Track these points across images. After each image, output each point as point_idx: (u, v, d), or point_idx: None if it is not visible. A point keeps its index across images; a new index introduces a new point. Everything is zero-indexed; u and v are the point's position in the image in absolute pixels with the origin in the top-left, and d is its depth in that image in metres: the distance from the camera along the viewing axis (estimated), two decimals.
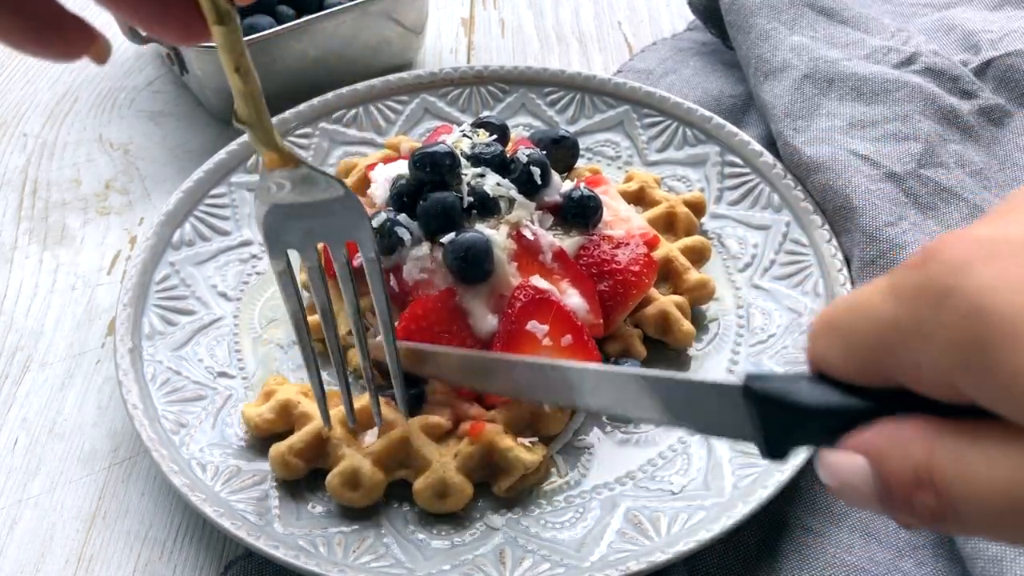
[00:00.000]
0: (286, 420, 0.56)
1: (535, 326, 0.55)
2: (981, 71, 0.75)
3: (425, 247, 0.59)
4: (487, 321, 0.56)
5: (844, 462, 0.29)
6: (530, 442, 0.55)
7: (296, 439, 0.54)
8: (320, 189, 0.48)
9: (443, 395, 0.57)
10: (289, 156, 0.46)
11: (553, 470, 0.56)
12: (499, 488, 0.54)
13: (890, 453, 0.27)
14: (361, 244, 0.50)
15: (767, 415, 0.33)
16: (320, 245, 0.52)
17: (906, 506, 0.27)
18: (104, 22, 0.39)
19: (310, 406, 0.56)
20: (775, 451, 0.34)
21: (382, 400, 0.55)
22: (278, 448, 0.54)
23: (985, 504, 0.25)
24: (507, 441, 0.54)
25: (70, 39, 0.36)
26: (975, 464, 0.25)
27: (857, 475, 0.28)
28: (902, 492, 0.27)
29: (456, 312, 0.56)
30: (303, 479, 0.55)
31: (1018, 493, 0.24)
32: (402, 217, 0.59)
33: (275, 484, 0.54)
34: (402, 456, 0.54)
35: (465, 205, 0.59)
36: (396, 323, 0.56)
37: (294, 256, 0.50)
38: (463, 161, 0.61)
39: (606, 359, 0.60)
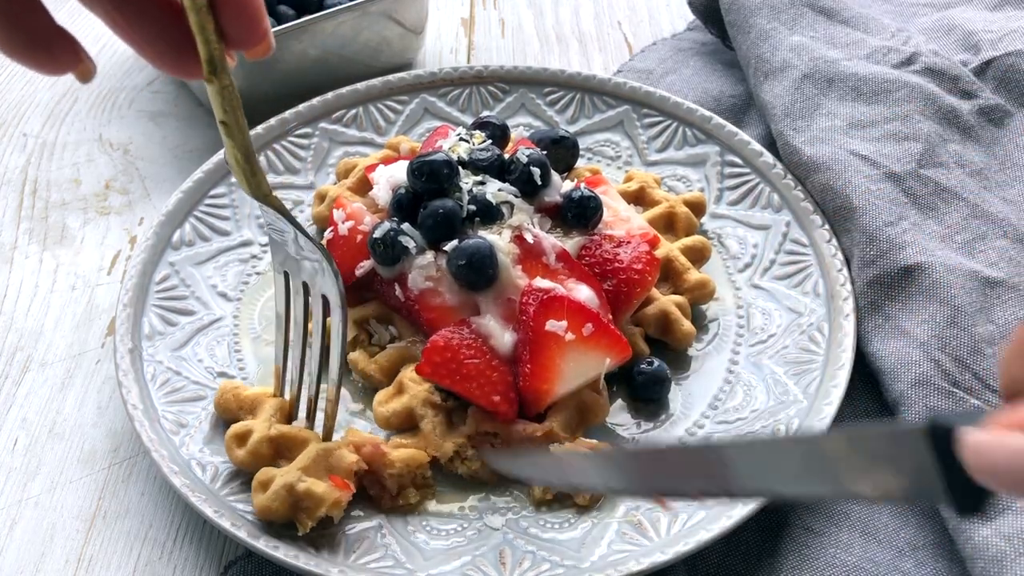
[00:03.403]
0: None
1: (554, 325, 0.55)
2: (981, 71, 0.75)
3: (429, 255, 0.59)
4: (505, 338, 0.56)
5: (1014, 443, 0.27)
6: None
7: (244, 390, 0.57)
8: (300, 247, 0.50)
9: (484, 421, 0.56)
10: (278, 207, 0.48)
11: None
12: (583, 498, 0.54)
13: None
14: (331, 305, 0.52)
15: (957, 459, 0.29)
16: (301, 280, 0.53)
17: None
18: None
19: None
20: (970, 503, 0.30)
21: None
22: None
23: None
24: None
25: (57, 56, 0.39)
26: None
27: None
28: None
29: (476, 336, 0.56)
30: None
31: None
32: (405, 226, 0.59)
33: None
34: (278, 453, 0.54)
35: (465, 213, 0.59)
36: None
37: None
38: (461, 169, 0.61)
39: None
